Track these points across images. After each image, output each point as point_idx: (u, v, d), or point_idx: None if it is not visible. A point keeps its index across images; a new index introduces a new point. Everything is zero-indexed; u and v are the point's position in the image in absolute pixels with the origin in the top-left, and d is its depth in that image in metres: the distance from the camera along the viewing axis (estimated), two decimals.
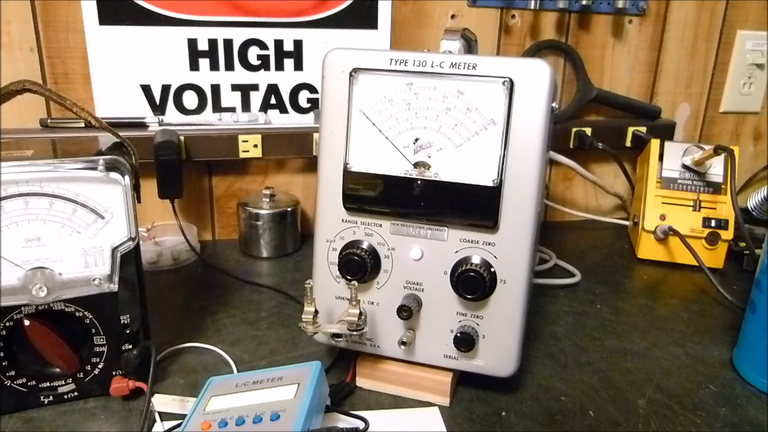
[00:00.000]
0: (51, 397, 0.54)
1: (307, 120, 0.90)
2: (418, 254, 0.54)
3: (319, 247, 0.57)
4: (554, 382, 0.60)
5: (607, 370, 0.62)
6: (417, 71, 0.51)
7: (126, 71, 0.82)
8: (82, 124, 0.78)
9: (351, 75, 0.53)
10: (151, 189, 0.81)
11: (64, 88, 0.81)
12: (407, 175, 0.52)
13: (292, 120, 0.89)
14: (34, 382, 0.53)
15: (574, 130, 0.97)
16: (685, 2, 0.98)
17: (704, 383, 0.61)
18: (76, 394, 0.55)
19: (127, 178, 0.51)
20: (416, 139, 0.52)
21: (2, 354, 0.51)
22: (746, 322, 0.62)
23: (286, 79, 0.87)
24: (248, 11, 0.83)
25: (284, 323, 0.70)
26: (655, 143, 0.91)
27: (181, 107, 0.85)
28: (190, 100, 0.85)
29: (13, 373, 0.52)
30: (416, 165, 0.52)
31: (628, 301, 0.78)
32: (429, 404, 0.56)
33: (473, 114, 0.50)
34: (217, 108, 0.86)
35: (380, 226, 0.55)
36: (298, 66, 0.87)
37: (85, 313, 0.53)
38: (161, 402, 0.55)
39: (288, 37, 0.85)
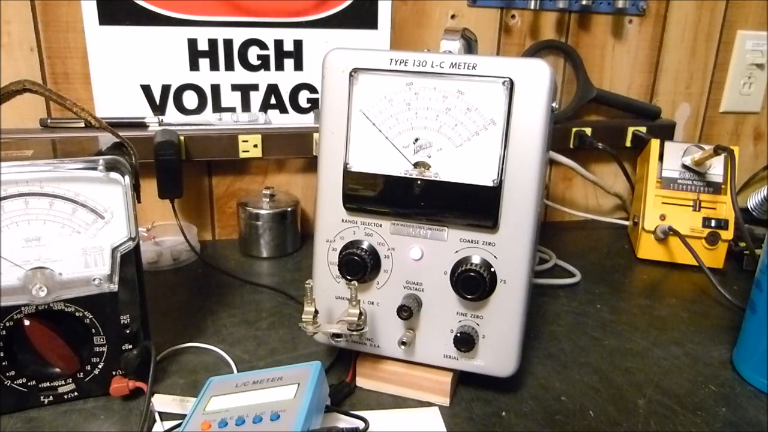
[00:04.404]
0: (51, 397, 0.54)
1: (307, 120, 0.90)
2: (418, 254, 0.54)
3: (319, 247, 0.57)
4: (554, 382, 0.60)
5: (607, 370, 0.62)
6: (417, 71, 0.51)
7: (126, 71, 0.82)
8: (82, 124, 0.78)
9: (351, 75, 0.53)
10: (151, 189, 0.81)
11: (64, 88, 0.81)
12: (407, 175, 0.52)
13: (292, 120, 0.89)
14: (34, 382, 0.53)
15: (574, 130, 0.97)
16: (685, 2, 0.98)
17: (704, 383, 0.61)
18: (76, 394, 0.55)
19: (127, 178, 0.51)
20: (416, 139, 0.52)
21: (2, 354, 0.51)
22: (746, 322, 0.62)
23: (286, 79, 0.87)
24: (248, 11, 0.83)
25: (284, 323, 0.70)
26: (655, 143, 0.91)
27: (181, 107, 0.85)
28: (190, 100, 0.85)
29: (13, 373, 0.52)
30: (416, 165, 0.52)
31: (628, 301, 0.78)
32: (429, 404, 0.56)
33: (473, 114, 0.50)
34: (217, 108, 0.86)
35: (380, 226, 0.55)
36: (298, 66, 0.87)
37: (85, 313, 0.53)
38: (161, 402, 0.55)
39: (288, 37, 0.85)
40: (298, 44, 0.86)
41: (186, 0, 0.81)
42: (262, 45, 0.85)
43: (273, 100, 0.88)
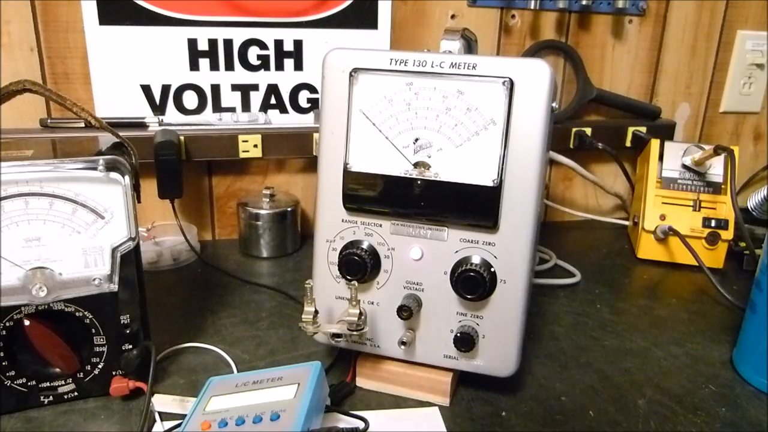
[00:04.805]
0: (51, 397, 0.54)
1: (307, 120, 0.90)
2: (418, 254, 0.54)
3: (319, 247, 0.57)
4: (554, 382, 0.60)
5: (607, 370, 0.62)
6: (417, 71, 0.51)
7: (126, 71, 0.82)
8: (82, 124, 0.78)
9: (351, 75, 0.53)
10: (151, 189, 0.81)
11: (64, 88, 0.81)
12: (407, 175, 0.52)
13: (292, 120, 0.89)
14: (34, 382, 0.53)
15: (574, 130, 0.97)
16: (685, 2, 0.98)
17: (704, 383, 0.61)
18: (76, 394, 0.55)
19: (127, 178, 0.51)
20: (416, 139, 0.52)
21: (2, 354, 0.51)
22: (746, 322, 0.62)
23: (286, 79, 0.87)
24: (248, 11, 0.83)
25: (284, 323, 0.70)
26: (655, 143, 0.91)
27: (181, 107, 0.85)
28: (190, 100, 0.85)
29: (13, 373, 0.52)
30: (416, 165, 0.52)
31: (628, 301, 0.78)
32: (429, 404, 0.56)
33: (473, 114, 0.50)
34: (217, 108, 0.86)
35: (380, 226, 0.55)
36: (298, 66, 0.87)
37: (85, 313, 0.53)
38: (161, 402, 0.55)
39: (288, 37, 0.85)
40: (298, 44, 0.86)
41: (186, 0, 0.81)
42: (262, 45, 0.85)
43: (273, 100, 0.88)
